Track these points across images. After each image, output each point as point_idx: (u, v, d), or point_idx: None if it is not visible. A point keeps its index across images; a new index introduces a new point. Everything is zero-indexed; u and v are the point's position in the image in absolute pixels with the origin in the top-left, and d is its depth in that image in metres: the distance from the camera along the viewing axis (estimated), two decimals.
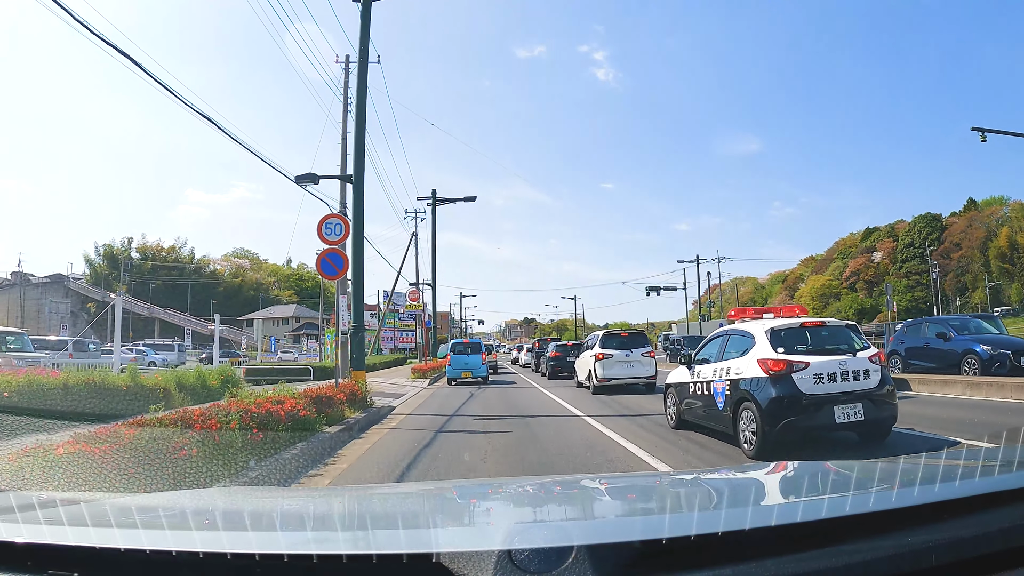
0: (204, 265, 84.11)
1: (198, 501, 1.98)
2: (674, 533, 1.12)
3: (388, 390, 14.70)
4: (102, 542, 1.14)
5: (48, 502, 1.51)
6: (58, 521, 1.29)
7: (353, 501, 2.09)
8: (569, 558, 1.04)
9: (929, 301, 67.56)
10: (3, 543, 1.15)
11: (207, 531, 1.36)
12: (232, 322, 60.95)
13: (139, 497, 2.50)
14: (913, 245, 73.16)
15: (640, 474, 4.76)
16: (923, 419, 7.99)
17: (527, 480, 3.62)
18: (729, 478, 2.33)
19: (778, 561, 1.10)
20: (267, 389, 8.20)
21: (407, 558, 1.07)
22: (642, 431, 7.88)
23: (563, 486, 2.43)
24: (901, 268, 73.35)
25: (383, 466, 6.01)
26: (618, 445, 6.82)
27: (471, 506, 1.96)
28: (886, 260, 75.64)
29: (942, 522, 1.23)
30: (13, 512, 1.34)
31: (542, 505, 1.99)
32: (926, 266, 70.61)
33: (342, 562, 1.08)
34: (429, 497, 2.17)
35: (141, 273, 75.03)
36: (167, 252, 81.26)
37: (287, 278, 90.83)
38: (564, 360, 19.22)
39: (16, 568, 1.14)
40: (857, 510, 1.25)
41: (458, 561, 1.05)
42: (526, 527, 1.52)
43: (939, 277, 66.55)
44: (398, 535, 1.38)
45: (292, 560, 1.09)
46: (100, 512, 1.47)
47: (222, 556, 1.09)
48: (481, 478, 5.05)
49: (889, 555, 1.15)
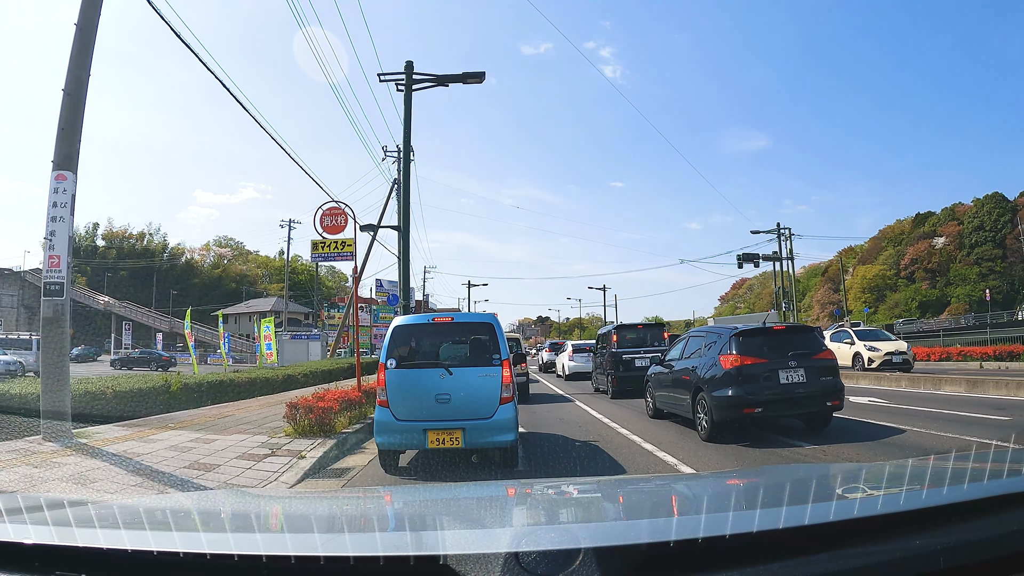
0: (179, 254, 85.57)
1: (205, 503, 2.17)
2: (681, 536, 1.22)
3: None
4: (109, 543, 1.24)
5: (56, 503, 1.66)
6: (65, 522, 1.41)
7: (360, 503, 2.28)
8: (576, 561, 1.14)
9: (1003, 291, 66.18)
10: (11, 544, 1.25)
11: (214, 533, 1.51)
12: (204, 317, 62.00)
13: (146, 499, 2.74)
14: (983, 228, 71.53)
15: (647, 476, 5.00)
16: None
17: (534, 482, 3.85)
18: (736, 481, 2.49)
19: (785, 564, 1.19)
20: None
21: (414, 560, 1.17)
22: None
23: (570, 488, 2.61)
24: (970, 254, 71.84)
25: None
26: None
27: (478, 508, 2.11)
28: (950, 246, 74.16)
29: (951, 525, 1.32)
30: (21, 513, 1.46)
31: (549, 507, 2.13)
32: (1000, 251, 69.10)
33: (349, 564, 1.18)
34: (436, 499, 2.33)
35: (106, 262, 76.56)
36: (136, 239, 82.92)
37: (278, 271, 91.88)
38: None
39: (24, 569, 1.24)
40: (865, 513, 1.34)
41: (465, 563, 1.14)
42: (533, 529, 1.66)
43: (1016, 263, 65.10)
44: (405, 537, 1.53)
45: (299, 562, 1.18)
46: (107, 514, 1.62)
47: (229, 558, 1.19)
48: (487, 481, 5.32)
49: (897, 558, 1.24)
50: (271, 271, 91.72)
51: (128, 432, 8.46)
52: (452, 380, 6.48)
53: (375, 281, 45.21)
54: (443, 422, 6.36)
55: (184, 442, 7.82)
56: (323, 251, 11.45)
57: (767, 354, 8.08)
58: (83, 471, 6.14)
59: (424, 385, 6.49)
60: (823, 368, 8.20)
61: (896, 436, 8.12)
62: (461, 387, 6.46)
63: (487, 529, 1.70)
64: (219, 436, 8.34)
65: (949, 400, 11.93)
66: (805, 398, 7.98)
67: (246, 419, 10.18)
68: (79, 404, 9.19)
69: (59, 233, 7.97)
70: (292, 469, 6.59)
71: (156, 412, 10.72)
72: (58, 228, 7.96)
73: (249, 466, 6.63)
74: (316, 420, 8.28)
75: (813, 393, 7.98)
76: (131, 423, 9.35)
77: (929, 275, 73.81)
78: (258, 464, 6.72)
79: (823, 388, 8.06)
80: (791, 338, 8.46)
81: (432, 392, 6.44)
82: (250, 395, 14.78)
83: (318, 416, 8.27)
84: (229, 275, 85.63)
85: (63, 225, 7.99)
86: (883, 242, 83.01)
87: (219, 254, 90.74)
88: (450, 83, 15.73)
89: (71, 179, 8.09)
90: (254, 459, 6.95)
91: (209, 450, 7.36)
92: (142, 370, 35.39)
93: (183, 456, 6.98)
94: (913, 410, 10.66)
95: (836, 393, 8.17)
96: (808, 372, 7.97)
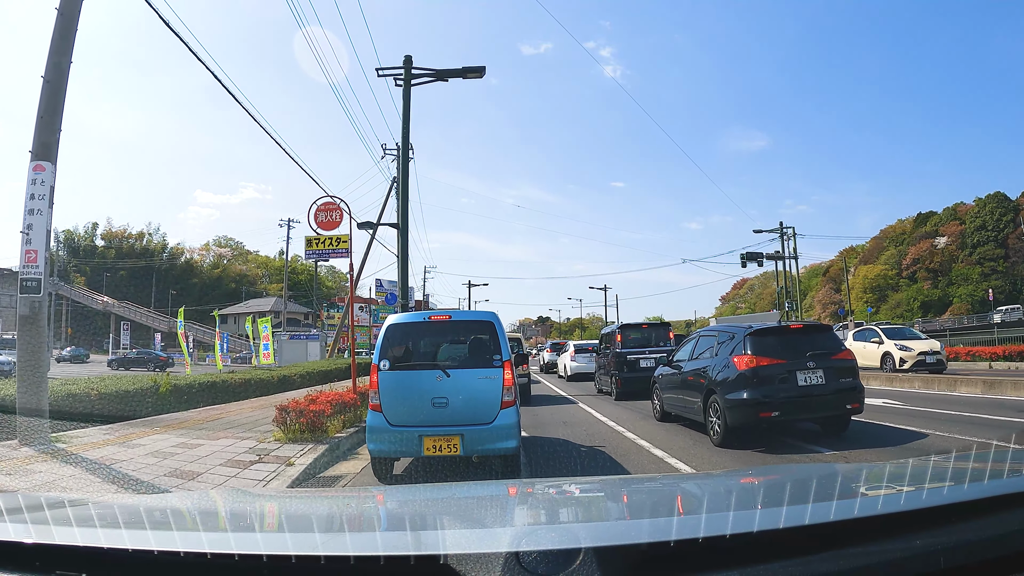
0: (178, 254, 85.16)
1: (206, 502, 2.16)
2: (682, 535, 1.21)
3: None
4: (110, 543, 1.24)
5: (56, 503, 1.64)
6: (66, 522, 1.41)
7: (360, 502, 2.29)
8: (576, 560, 1.13)
9: (1006, 290, 65.83)
10: (12, 543, 1.25)
11: (215, 532, 1.52)
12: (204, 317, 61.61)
13: (146, 498, 2.79)
14: (985, 228, 71.16)
15: (648, 476, 4.95)
16: None
17: (535, 482, 3.91)
18: (736, 480, 2.48)
19: (786, 564, 1.19)
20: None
21: (414, 560, 1.17)
22: None
23: (571, 488, 2.60)
24: (972, 254, 71.49)
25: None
26: None
27: (478, 508, 2.08)
28: (952, 245, 73.82)
29: (951, 525, 1.31)
30: (22, 512, 1.46)
31: (550, 507, 2.12)
32: (1002, 251, 68.79)
33: (349, 564, 1.17)
34: (436, 499, 2.31)
35: (105, 262, 76.18)
36: (135, 239, 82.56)
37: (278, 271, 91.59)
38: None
39: (24, 568, 1.23)
40: (865, 512, 1.33)
41: (466, 563, 1.14)
42: (533, 529, 1.66)
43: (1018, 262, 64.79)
44: (405, 537, 1.52)
45: (300, 561, 1.17)
46: (108, 513, 1.61)
47: (230, 557, 1.18)
48: (488, 480, 5.27)
49: (897, 558, 1.24)
50: (271, 271, 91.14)
51: (110, 436, 8.02)
52: (450, 382, 5.98)
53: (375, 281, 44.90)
54: (440, 428, 5.87)
55: (167, 447, 7.36)
56: (317, 248, 10.99)
57: (784, 354, 7.63)
58: (54, 479, 5.73)
59: (420, 388, 5.99)
60: (843, 369, 7.76)
61: (919, 440, 7.68)
62: (459, 390, 5.96)
63: (487, 529, 1.68)
64: (205, 441, 7.87)
65: (967, 402, 11.49)
66: (824, 401, 7.54)
67: (236, 422, 9.73)
68: (62, 406, 8.79)
69: (36, 226, 7.52)
70: (279, 478, 6.11)
71: (144, 414, 10.29)
72: (35, 221, 7.51)
73: (234, 474, 6.17)
74: (307, 424, 7.73)
75: (833, 395, 7.54)
76: (115, 426, 8.93)
77: (931, 275, 73.59)
78: (243, 472, 6.25)
79: (843, 390, 7.62)
80: (809, 337, 8.00)
81: (428, 395, 5.94)
82: (244, 396, 14.29)
83: (309, 420, 7.74)
84: (229, 275, 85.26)
85: (41, 218, 7.54)
86: (884, 242, 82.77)
87: (219, 254, 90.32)
88: (449, 78, 15.35)
89: (50, 170, 7.65)
90: (240, 466, 6.48)
91: (192, 456, 6.89)
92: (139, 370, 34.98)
93: (164, 463, 6.51)
94: (931, 412, 10.23)
95: (856, 395, 7.73)
96: (827, 373, 7.53)
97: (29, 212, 7.53)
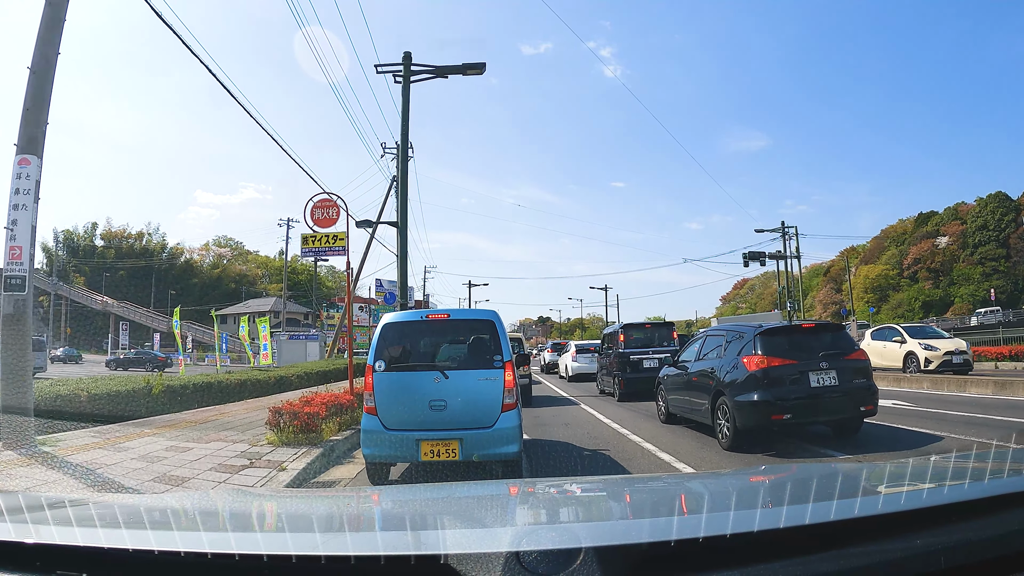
0: (178, 254, 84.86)
1: (206, 502, 2.17)
2: (682, 535, 1.20)
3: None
4: (111, 543, 1.23)
5: (57, 502, 1.63)
6: (67, 522, 1.40)
7: (360, 502, 2.29)
8: (577, 560, 1.13)
9: (1007, 290, 65.61)
10: (12, 543, 1.25)
11: (215, 532, 1.51)
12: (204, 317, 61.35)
13: (147, 498, 2.82)
14: (987, 227, 70.92)
15: (648, 476, 4.89)
16: None
17: (535, 481, 3.89)
18: (737, 480, 2.45)
19: (786, 564, 1.18)
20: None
21: (415, 560, 1.16)
22: None
23: (571, 487, 2.58)
24: (973, 253, 71.26)
25: None
26: None
27: (479, 507, 2.06)
28: (954, 245, 73.58)
29: (952, 524, 1.30)
30: (22, 512, 1.45)
31: (550, 507, 2.10)
32: (1004, 251, 68.54)
33: (350, 563, 1.17)
34: (436, 498, 2.30)
35: (105, 262, 75.84)
36: (135, 239, 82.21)
37: (278, 271, 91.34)
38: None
39: (25, 568, 1.23)
40: (866, 512, 1.32)
41: (466, 563, 1.13)
42: (534, 529, 1.64)
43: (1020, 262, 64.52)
44: (405, 536, 1.51)
45: (300, 561, 1.16)
46: (108, 513, 1.60)
47: (230, 557, 1.17)
48: (488, 480, 5.22)
49: (897, 558, 1.23)
50: (271, 271, 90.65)
51: (98, 439, 7.75)
52: (448, 384, 5.66)
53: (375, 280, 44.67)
54: (438, 432, 5.55)
55: (157, 451, 7.08)
56: (314, 245, 10.70)
57: (795, 354, 7.36)
58: (36, 485, 5.46)
59: (417, 390, 5.67)
60: (856, 370, 7.49)
61: (934, 444, 7.42)
62: (458, 392, 5.64)
63: (488, 528, 1.66)
64: (196, 444, 7.59)
65: (979, 403, 11.22)
66: (838, 403, 7.27)
67: (230, 423, 9.45)
68: (50, 408, 8.54)
69: (21, 222, 7.26)
70: (270, 483, 5.83)
71: (137, 416, 10.03)
72: (20, 216, 7.25)
73: (223, 479, 5.89)
74: (302, 426, 7.42)
75: (846, 397, 7.27)
76: (104, 429, 8.65)
77: (932, 275, 73.36)
78: (233, 477, 5.97)
79: (857, 392, 7.35)
80: (820, 337, 7.70)
81: (426, 398, 5.62)
82: (240, 397, 13.97)
83: (304, 422, 7.43)
84: (228, 275, 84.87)
85: (26, 213, 7.28)
86: (885, 242, 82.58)
87: (218, 254, 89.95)
88: (449, 74, 15.11)
89: (35, 163, 7.39)
90: (230, 471, 6.20)
91: (182, 460, 6.62)
92: (137, 371, 34.78)
93: (152, 467, 6.24)
94: (943, 414, 9.96)
95: (870, 397, 7.46)
96: (840, 374, 7.26)
97: (14, 207, 7.27)
